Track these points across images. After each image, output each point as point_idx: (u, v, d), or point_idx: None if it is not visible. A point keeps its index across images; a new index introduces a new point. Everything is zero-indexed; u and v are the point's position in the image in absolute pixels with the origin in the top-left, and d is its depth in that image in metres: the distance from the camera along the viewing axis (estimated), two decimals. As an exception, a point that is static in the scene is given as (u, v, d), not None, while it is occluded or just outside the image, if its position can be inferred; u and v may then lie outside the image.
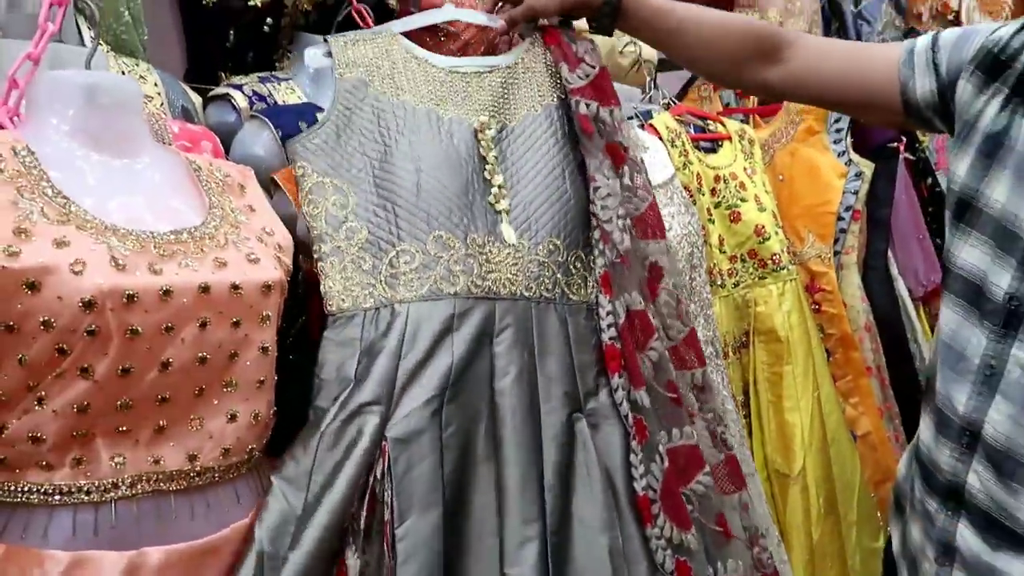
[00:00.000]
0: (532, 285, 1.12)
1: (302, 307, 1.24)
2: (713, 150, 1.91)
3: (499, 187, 1.15)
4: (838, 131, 2.06)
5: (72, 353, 0.78)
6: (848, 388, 1.97)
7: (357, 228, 1.08)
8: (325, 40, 1.19)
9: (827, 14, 2.66)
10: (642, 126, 1.77)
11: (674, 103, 2.02)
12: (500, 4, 1.27)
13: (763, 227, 1.85)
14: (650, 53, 1.99)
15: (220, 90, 1.28)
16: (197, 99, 1.28)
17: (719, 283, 1.80)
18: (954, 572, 1.00)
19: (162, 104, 1.20)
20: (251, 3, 1.33)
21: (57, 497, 0.80)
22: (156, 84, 1.22)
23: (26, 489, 0.80)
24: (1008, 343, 0.94)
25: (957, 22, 2.61)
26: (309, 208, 1.08)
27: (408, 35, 1.23)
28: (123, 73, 1.19)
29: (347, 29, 1.30)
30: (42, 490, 0.80)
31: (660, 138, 1.75)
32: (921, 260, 2.22)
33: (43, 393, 0.78)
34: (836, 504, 1.84)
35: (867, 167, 2.05)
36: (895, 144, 2.17)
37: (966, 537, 0.98)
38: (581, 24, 1.29)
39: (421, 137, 1.13)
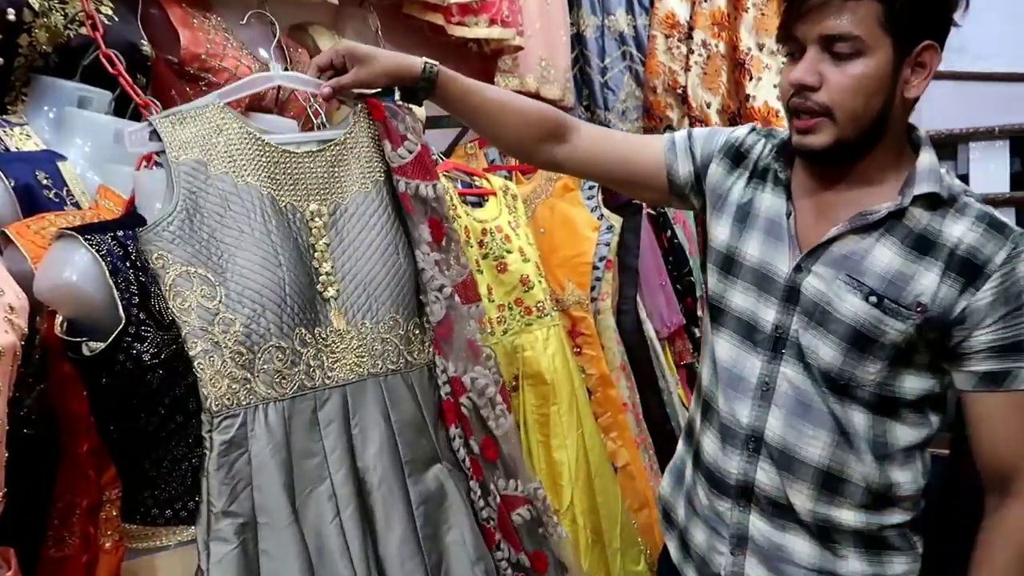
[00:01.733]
0: (378, 362, 1.19)
1: (40, 374, 1.15)
2: (480, 204, 1.99)
3: (327, 275, 1.17)
4: (591, 188, 2.22)
5: None
6: (608, 424, 2.09)
7: (231, 320, 1.06)
8: (148, 121, 1.12)
9: (578, 82, 2.92)
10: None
11: (442, 159, 2.08)
12: (327, 72, 1.28)
13: (528, 276, 1.94)
14: (420, 112, 2.05)
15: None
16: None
17: (489, 331, 1.86)
18: (748, 557, 1.21)
19: None
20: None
21: None
22: None
23: None
24: (777, 363, 1.17)
25: (685, 95, 2.95)
26: (177, 303, 1.04)
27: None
28: None
29: (95, 75, 1.24)
30: None
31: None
32: (664, 304, 2.43)
33: None
34: (601, 533, 1.94)
35: (616, 221, 2.22)
36: (638, 201, 2.35)
37: (757, 525, 1.20)
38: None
39: (273, 226, 1.12)
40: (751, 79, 2.82)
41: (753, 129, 1.32)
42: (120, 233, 1.08)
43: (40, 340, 1.09)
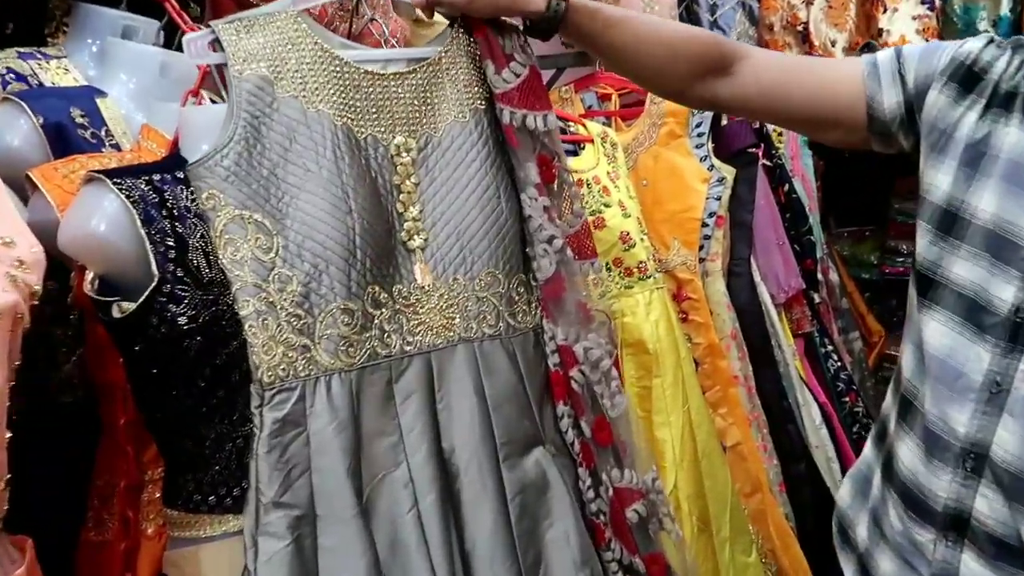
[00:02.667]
0: (472, 325, 1.04)
1: (79, 336, 1.03)
2: (575, 153, 1.82)
3: (413, 220, 1.01)
4: (700, 135, 2.02)
5: None
6: (717, 399, 1.92)
7: (288, 278, 0.91)
8: (208, 25, 0.97)
9: (685, 21, 2.67)
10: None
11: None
12: None
13: (628, 234, 1.77)
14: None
15: (-37, 68, 1.04)
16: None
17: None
18: None
19: None
20: (8, -35, 1.11)
21: None
22: None
23: None
24: (1015, 358, 0.92)
25: (806, 32, 2.67)
26: (228, 253, 0.89)
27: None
28: None
29: (141, 6, 1.10)
30: None
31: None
32: (781, 265, 2.21)
33: None
34: (709, 521, 1.77)
35: (729, 172, 2.02)
36: (754, 150, 2.14)
37: (972, 568, 0.94)
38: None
39: (346, 165, 0.96)
40: (885, 11, 2.53)
41: (992, 41, 1.02)
42: (156, 177, 0.94)
43: (72, 299, 0.97)
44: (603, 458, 1.11)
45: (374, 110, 1.02)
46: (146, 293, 0.90)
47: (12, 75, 1.05)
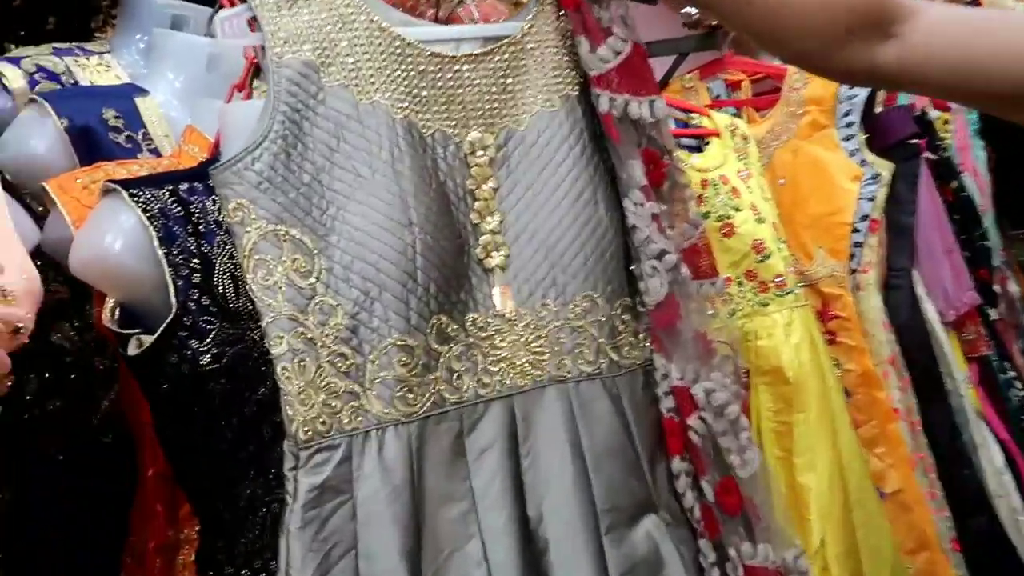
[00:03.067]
0: (566, 362, 0.89)
1: (116, 369, 0.92)
2: (699, 149, 1.67)
3: (491, 233, 0.87)
4: (848, 125, 1.79)
5: None
6: (872, 436, 1.71)
7: (332, 308, 0.77)
8: (247, 2, 0.84)
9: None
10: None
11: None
12: None
13: (763, 242, 1.61)
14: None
15: (-13, 66, 0.96)
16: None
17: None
18: None
19: None
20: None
21: None
22: None
23: None
24: None
25: None
26: (259, 276, 0.75)
27: None
28: None
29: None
30: None
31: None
32: (950, 277, 1.94)
33: None
34: (864, 585, 1.58)
35: (885, 168, 1.79)
36: (915, 141, 1.89)
37: None
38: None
39: (407, 167, 0.82)
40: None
41: None
42: (183, 187, 0.80)
43: (92, 338, 0.87)
44: (730, 528, 0.94)
45: (443, 100, 0.88)
46: (163, 326, 0.75)
47: (43, 74, 0.96)
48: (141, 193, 0.78)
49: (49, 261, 0.89)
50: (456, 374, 0.83)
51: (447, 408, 0.82)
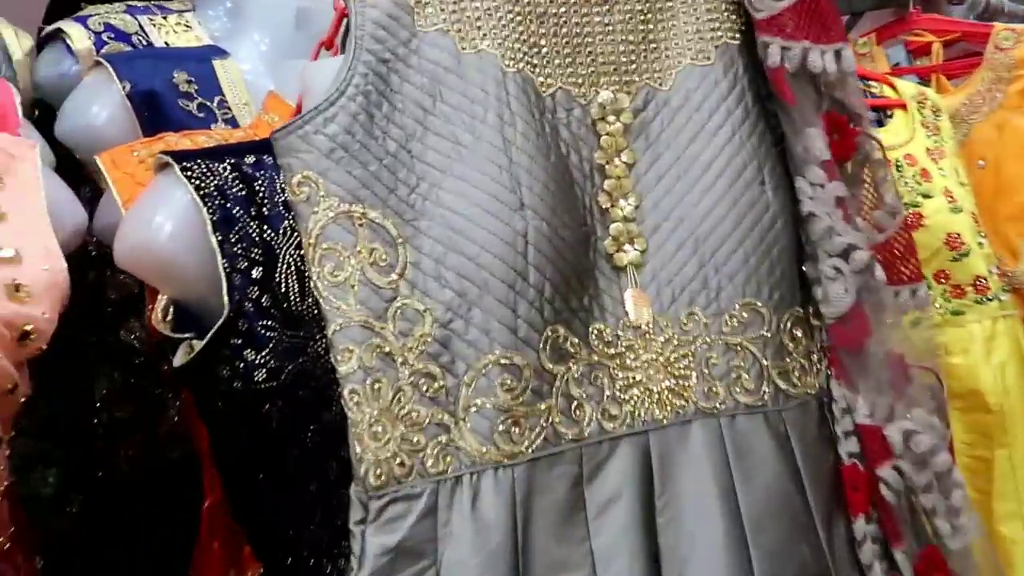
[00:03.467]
0: (718, 388, 0.74)
1: (178, 385, 0.82)
2: (880, 123, 1.48)
3: (623, 220, 0.73)
4: None
5: None
6: None
7: (417, 314, 0.64)
8: None
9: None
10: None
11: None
12: None
13: (959, 236, 1.42)
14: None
15: (55, 25, 0.88)
16: (25, 43, 0.89)
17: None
18: None
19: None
20: None
21: None
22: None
23: None
24: None
25: None
26: (326, 271, 0.63)
27: None
28: None
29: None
30: None
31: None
32: None
33: None
34: (1085, 665, 1.36)
35: None
36: None
37: None
38: None
39: (518, 134, 0.68)
40: None
41: None
42: (249, 160, 0.68)
43: (142, 336, 0.77)
44: None
45: (567, 52, 0.73)
46: (212, 331, 0.62)
47: (111, 34, 0.88)
48: (196, 167, 0.66)
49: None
50: (575, 403, 0.67)
51: (563, 447, 0.67)
